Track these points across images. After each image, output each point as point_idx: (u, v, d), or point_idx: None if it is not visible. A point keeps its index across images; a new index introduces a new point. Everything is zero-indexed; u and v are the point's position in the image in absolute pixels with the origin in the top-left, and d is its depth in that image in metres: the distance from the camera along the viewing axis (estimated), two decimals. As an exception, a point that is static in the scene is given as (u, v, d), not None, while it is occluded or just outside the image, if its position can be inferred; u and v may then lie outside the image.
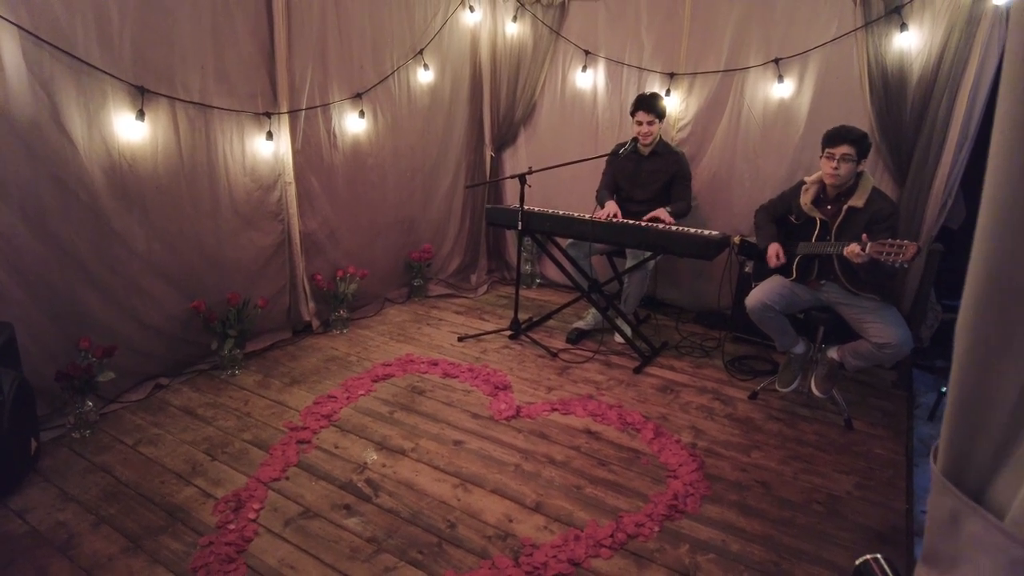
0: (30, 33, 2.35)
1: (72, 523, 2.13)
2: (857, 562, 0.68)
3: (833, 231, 2.78)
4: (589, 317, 3.91)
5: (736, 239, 3.50)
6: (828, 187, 2.81)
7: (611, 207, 3.60)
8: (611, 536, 2.12)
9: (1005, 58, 0.42)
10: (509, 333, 3.81)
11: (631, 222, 3.45)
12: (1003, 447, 0.39)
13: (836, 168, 2.68)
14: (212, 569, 1.94)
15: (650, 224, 3.39)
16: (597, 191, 3.83)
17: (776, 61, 3.59)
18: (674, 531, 2.19)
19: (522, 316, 3.86)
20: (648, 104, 3.47)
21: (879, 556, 0.67)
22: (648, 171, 3.63)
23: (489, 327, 3.94)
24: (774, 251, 2.95)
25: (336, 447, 2.62)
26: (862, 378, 3.38)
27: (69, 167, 2.58)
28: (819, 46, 3.45)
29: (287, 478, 2.41)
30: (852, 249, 2.53)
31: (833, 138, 2.69)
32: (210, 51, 2.98)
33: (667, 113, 3.72)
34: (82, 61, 2.52)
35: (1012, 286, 0.38)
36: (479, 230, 4.86)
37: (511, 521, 2.21)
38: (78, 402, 2.62)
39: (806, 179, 2.92)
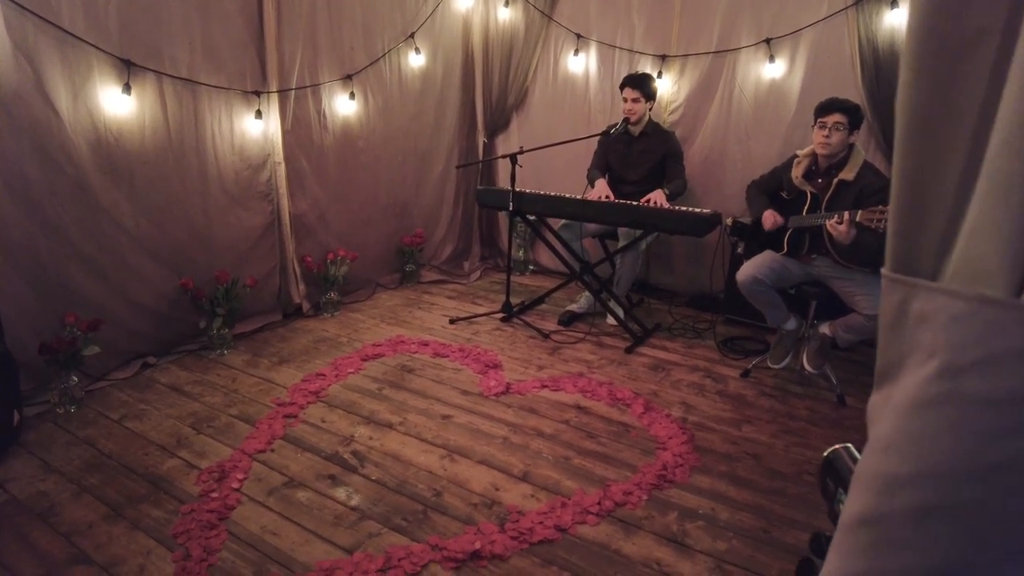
0: (12, 0, 2.33)
1: (53, 492, 2.10)
2: (826, 452, 0.66)
3: (823, 204, 2.76)
4: (582, 300, 3.89)
5: (728, 220, 3.49)
6: (820, 159, 2.79)
7: (601, 186, 3.58)
8: (598, 503, 2.10)
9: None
10: (501, 316, 3.79)
11: (622, 201, 3.43)
12: (945, 237, 0.37)
13: (828, 136, 2.66)
14: (193, 535, 1.91)
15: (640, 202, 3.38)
16: (588, 170, 3.82)
17: (767, 41, 3.58)
18: (662, 500, 2.17)
19: (514, 300, 3.84)
20: (634, 81, 3.46)
21: (849, 445, 0.65)
22: (639, 151, 3.62)
23: (481, 311, 3.92)
24: (770, 214, 2.93)
25: (323, 421, 2.60)
26: (854, 357, 3.36)
27: (54, 139, 2.55)
28: (810, 25, 3.45)
29: (272, 450, 2.39)
30: (839, 228, 2.51)
31: (825, 107, 2.69)
32: (198, 27, 2.96)
33: (658, 95, 3.71)
34: (67, 32, 2.50)
35: (951, 40, 0.35)
36: (472, 217, 4.84)
37: (497, 490, 2.18)
38: (63, 377, 2.60)
39: (799, 152, 2.91)
